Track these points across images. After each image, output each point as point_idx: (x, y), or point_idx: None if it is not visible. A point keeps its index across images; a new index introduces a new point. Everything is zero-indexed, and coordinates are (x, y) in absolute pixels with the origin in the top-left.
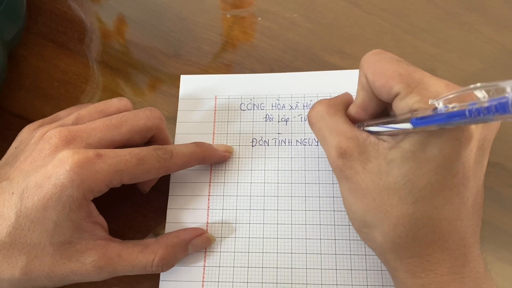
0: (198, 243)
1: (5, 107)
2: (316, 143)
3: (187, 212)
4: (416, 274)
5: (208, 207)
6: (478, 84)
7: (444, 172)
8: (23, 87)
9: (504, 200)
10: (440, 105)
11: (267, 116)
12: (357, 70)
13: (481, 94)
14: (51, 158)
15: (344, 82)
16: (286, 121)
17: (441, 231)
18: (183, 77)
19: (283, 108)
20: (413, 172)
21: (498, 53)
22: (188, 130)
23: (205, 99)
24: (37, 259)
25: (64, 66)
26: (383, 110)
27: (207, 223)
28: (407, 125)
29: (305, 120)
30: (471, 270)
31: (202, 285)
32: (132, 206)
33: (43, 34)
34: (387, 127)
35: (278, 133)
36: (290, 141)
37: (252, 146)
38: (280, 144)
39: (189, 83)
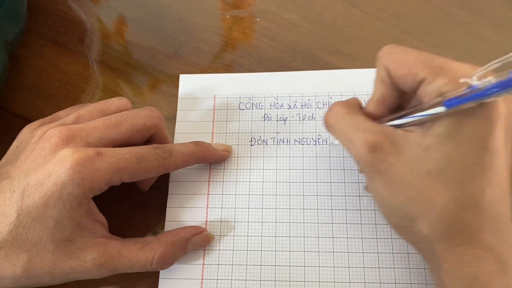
0: (197, 241)
1: (6, 107)
2: (314, 142)
3: (187, 211)
4: (468, 263)
5: (207, 205)
6: None
7: (482, 150)
8: (24, 87)
9: None
10: (475, 81)
11: (266, 116)
12: (355, 70)
13: None
14: (52, 157)
15: (342, 81)
16: (285, 121)
17: (487, 213)
18: (182, 77)
19: (282, 107)
20: (452, 155)
21: (496, 53)
22: (187, 130)
23: (204, 99)
24: (38, 256)
25: (64, 66)
26: (399, 105)
27: (206, 221)
28: (439, 109)
29: (303, 119)
30: None
31: (201, 283)
32: (132, 205)
33: (44, 35)
34: (414, 117)
35: (277, 133)
36: (288, 140)
37: (251, 145)
38: (278, 143)
39: (188, 83)
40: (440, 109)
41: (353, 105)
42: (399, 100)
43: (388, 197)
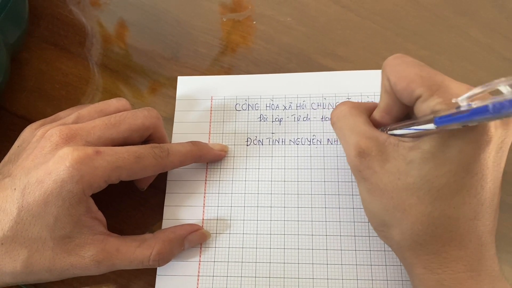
0: (194, 238)
1: (8, 108)
2: (309, 143)
3: (184, 209)
4: (433, 270)
5: (204, 204)
6: (503, 79)
7: (463, 173)
8: (26, 88)
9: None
10: (463, 103)
11: (262, 116)
12: (349, 72)
13: (504, 89)
14: (52, 155)
15: (336, 83)
16: (280, 121)
17: (458, 229)
18: (180, 78)
19: (277, 108)
20: (432, 173)
21: (487, 55)
22: (185, 130)
23: (201, 100)
24: (38, 253)
25: (65, 69)
26: (406, 114)
27: (203, 219)
28: (430, 126)
29: (298, 120)
30: (487, 268)
31: (198, 279)
32: (131, 203)
33: (45, 38)
34: (410, 129)
35: (272, 133)
36: (283, 140)
37: (247, 145)
38: (274, 143)
39: (186, 84)
40: (431, 126)
41: (360, 107)
42: (405, 110)
43: (369, 202)
